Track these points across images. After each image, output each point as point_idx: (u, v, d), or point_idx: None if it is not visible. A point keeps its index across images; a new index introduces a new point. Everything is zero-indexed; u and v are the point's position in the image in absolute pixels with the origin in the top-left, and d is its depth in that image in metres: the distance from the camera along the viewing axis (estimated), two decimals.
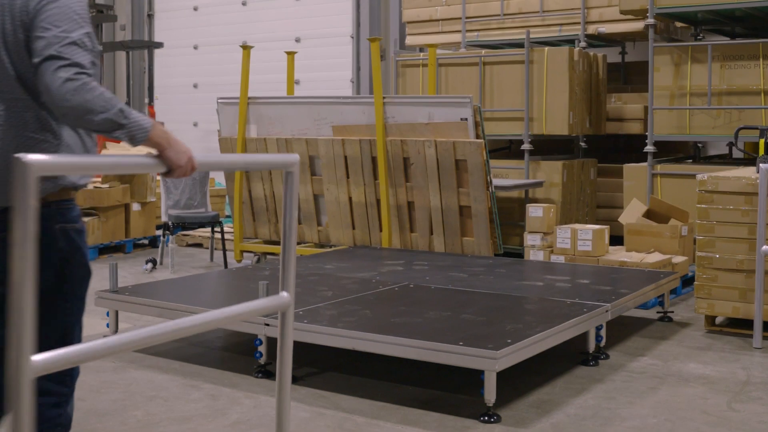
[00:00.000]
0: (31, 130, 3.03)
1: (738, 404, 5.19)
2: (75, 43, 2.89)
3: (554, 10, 11.20)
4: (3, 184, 2.93)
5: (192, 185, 10.39)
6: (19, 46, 2.98)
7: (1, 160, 2.98)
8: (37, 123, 3.04)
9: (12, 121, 3.01)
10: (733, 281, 6.73)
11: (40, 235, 2.56)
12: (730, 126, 8.78)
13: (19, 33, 2.97)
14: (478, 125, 8.51)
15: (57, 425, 3.21)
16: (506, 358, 4.88)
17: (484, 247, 8.66)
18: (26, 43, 2.96)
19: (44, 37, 2.87)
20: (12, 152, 2.66)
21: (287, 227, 3.24)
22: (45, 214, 2.92)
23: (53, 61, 2.82)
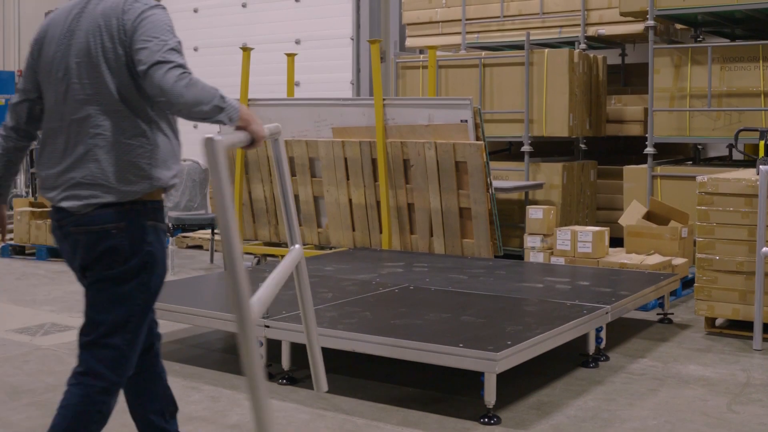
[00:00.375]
0: (128, 137, 3.39)
1: (738, 406, 5.19)
2: (174, 49, 3.30)
3: (554, 12, 11.20)
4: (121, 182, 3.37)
5: (192, 187, 10.40)
6: (119, 62, 3.35)
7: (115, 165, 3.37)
8: (133, 130, 3.39)
9: (114, 130, 3.37)
10: (733, 283, 6.73)
11: (133, 229, 3.36)
12: (730, 128, 8.78)
13: (119, 50, 3.35)
14: (478, 127, 8.51)
15: (98, 412, 3.43)
16: (506, 359, 4.88)
17: (484, 248, 8.67)
18: (125, 59, 3.34)
19: (147, 47, 3.26)
20: (116, 158, 3.34)
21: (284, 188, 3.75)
22: (140, 210, 3.41)
23: (161, 65, 3.22)
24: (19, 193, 16.01)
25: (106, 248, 3.37)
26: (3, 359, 6.17)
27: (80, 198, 3.37)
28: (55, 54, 3.45)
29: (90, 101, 3.38)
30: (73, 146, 3.41)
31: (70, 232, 3.42)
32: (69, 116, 3.41)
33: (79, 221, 3.39)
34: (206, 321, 6.04)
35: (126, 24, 3.33)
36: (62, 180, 3.42)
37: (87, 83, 3.38)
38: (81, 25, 3.41)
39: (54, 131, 3.47)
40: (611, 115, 11.21)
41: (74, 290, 8.78)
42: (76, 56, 3.40)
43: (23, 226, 10.93)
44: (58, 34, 3.48)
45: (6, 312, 7.79)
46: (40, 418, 4.94)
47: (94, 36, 3.38)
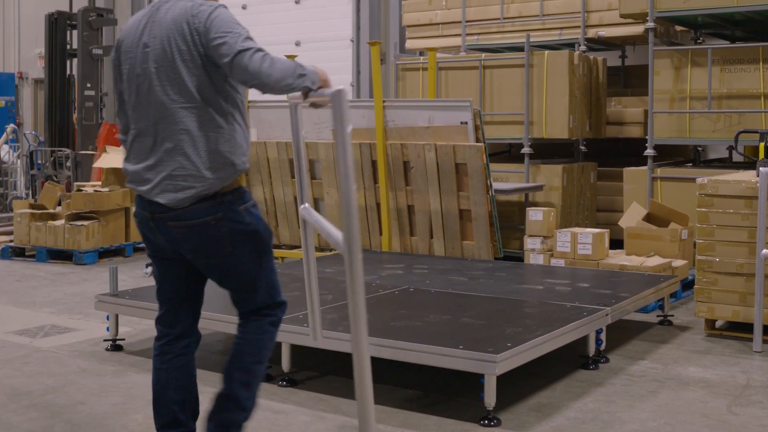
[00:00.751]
0: (209, 129, 3.73)
1: (738, 408, 5.19)
2: (248, 37, 3.65)
3: (554, 13, 11.20)
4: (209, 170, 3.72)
5: None
6: (195, 63, 3.68)
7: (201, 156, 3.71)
8: (212, 123, 3.73)
9: (196, 125, 3.72)
10: (733, 285, 6.72)
11: (230, 216, 3.75)
12: (730, 130, 8.78)
13: (194, 51, 3.68)
14: (478, 129, 8.52)
15: (270, 341, 4.04)
16: (506, 361, 4.88)
17: (484, 250, 8.67)
18: (201, 59, 3.67)
19: (225, 41, 3.60)
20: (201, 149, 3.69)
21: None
22: (230, 199, 3.78)
23: (245, 53, 3.56)
24: (19, 195, 16.02)
25: (210, 238, 3.77)
26: (3, 361, 6.17)
27: (175, 190, 3.72)
28: (133, 62, 3.80)
29: (172, 101, 3.72)
30: (160, 143, 3.75)
31: (170, 227, 3.79)
32: (153, 116, 3.76)
33: (179, 216, 3.76)
34: (206, 323, 6.02)
35: (198, 27, 3.66)
36: (152, 174, 3.77)
37: (168, 85, 3.72)
38: (154, 34, 3.75)
39: (140, 131, 3.81)
40: (611, 116, 11.21)
41: (74, 292, 8.78)
42: (155, 62, 3.73)
43: (23, 228, 10.93)
44: (132, 44, 3.82)
45: (6, 314, 7.79)
46: (41, 419, 4.94)
47: (168, 42, 3.70)
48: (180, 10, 3.73)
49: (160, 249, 3.94)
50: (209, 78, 3.71)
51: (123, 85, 3.92)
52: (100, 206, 10.73)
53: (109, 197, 10.83)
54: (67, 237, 10.62)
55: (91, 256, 10.60)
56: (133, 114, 3.85)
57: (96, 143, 14.65)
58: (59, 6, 16.89)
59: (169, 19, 3.73)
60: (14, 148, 16.77)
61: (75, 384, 5.61)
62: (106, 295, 6.51)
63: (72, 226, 10.60)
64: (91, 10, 15.40)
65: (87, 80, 15.08)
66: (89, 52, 15.08)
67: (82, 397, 5.34)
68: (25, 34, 20.66)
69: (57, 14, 15.84)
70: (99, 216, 10.77)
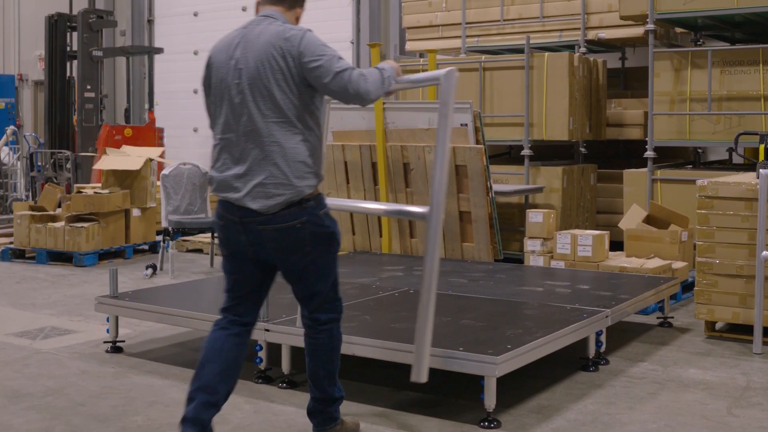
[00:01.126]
0: (295, 142, 4.10)
1: (738, 410, 5.19)
2: (339, 57, 4.07)
3: (554, 15, 11.21)
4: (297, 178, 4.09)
5: (192, 191, 10.39)
6: (287, 82, 4.06)
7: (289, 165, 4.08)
8: (299, 136, 4.11)
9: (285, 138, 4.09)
10: (733, 287, 6.72)
11: (313, 220, 4.13)
12: (730, 131, 8.79)
13: (286, 72, 4.05)
14: (478, 131, 8.52)
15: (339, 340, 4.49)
16: (506, 363, 4.88)
17: (484, 252, 8.67)
18: (293, 78, 4.05)
19: (321, 63, 4.02)
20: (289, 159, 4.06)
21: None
22: (313, 205, 4.15)
23: (341, 74, 4.02)
24: (19, 196, 16.02)
25: (293, 239, 4.13)
26: (3, 363, 6.17)
27: (267, 197, 4.07)
28: (224, 79, 4.17)
29: (264, 116, 4.07)
30: (250, 153, 4.10)
31: (258, 230, 4.13)
32: (244, 129, 4.11)
33: (268, 221, 4.11)
34: (206, 325, 6.02)
35: (291, 50, 4.04)
36: (242, 182, 4.11)
37: (260, 101, 4.07)
38: (246, 53, 4.11)
39: (229, 141, 4.16)
40: (611, 118, 11.22)
41: (74, 294, 8.78)
42: (248, 80, 4.08)
43: (23, 229, 10.93)
44: (223, 62, 4.19)
45: (6, 316, 7.79)
46: (40, 421, 4.94)
47: (262, 63, 4.06)
48: (272, 33, 4.10)
49: (240, 249, 4.24)
50: (300, 97, 4.08)
51: (211, 99, 4.30)
52: (100, 208, 10.73)
53: (109, 199, 10.83)
54: (67, 239, 10.61)
55: (91, 258, 10.60)
56: (222, 126, 4.20)
57: (96, 145, 14.67)
58: (59, 8, 16.90)
59: (262, 41, 4.09)
60: (14, 149, 16.78)
61: (75, 386, 5.61)
62: (106, 297, 6.50)
63: (72, 227, 10.60)
64: (91, 12, 15.41)
65: (87, 82, 15.08)
66: (89, 54, 15.09)
67: (82, 399, 5.33)
68: (25, 36, 20.67)
69: (57, 16, 15.86)
70: (99, 218, 10.76)
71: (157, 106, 16.75)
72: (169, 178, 10.27)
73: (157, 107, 16.73)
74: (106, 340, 6.56)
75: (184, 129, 17.39)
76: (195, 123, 17.20)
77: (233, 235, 4.22)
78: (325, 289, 4.35)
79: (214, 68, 4.24)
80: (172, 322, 6.29)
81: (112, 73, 18.55)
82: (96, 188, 11.26)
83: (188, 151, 16.58)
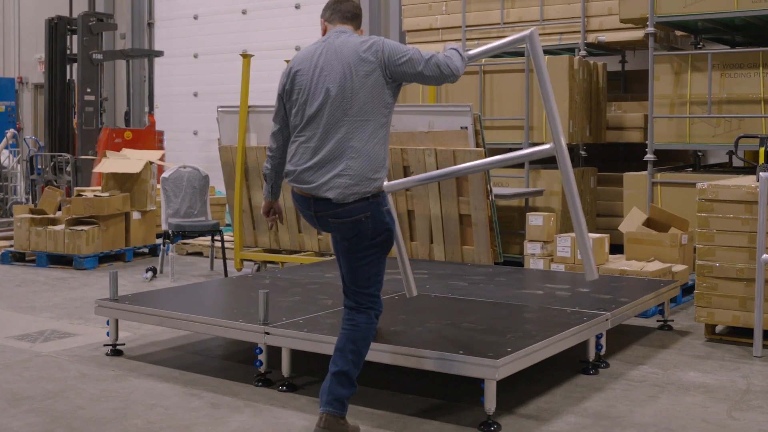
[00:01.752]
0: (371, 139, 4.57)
1: (738, 413, 5.19)
2: (418, 50, 4.62)
3: (554, 18, 11.22)
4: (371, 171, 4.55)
5: (192, 194, 10.40)
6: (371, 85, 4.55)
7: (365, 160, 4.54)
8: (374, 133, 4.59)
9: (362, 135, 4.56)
10: (733, 290, 6.72)
11: (376, 216, 4.57)
12: (730, 135, 8.79)
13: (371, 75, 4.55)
14: (478, 134, 8.52)
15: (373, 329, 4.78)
16: (506, 366, 4.88)
17: (484, 255, 8.67)
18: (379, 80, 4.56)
19: (407, 59, 4.57)
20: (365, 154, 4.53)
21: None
22: (378, 201, 4.58)
23: (431, 59, 4.59)
24: (19, 200, 16.02)
25: (358, 232, 4.57)
26: (3, 366, 6.17)
27: (342, 187, 4.50)
28: (310, 84, 4.64)
29: (345, 114, 4.53)
30: (328, 148, 4.55)
31: (329, 222, 4.61)
32: (326, 126, 4.57)
33: (338, 214, 4.56)
34: (206, 328, 6.04)
35: (377, 54, 4.57)
36: (319, 175, 4.55)
37: (344, 102, 4.54)
38: (332, 62, 4.60)
39: (309, 138, 4.61)
40: (611, 121, 11.22)
41: (74, 297, 8.78)
42: (333, 83, 4.56)
43: (23, 233, 10.93)
44: (307, 70, 4.68)
45: (6, 319, 7.79)
46: (40, 424, 4.94)
47: (349, 68, 4.55)
48: (355, 43, 4.62)
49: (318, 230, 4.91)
50: (380, 97, 4.58)
51: (292, 103, 4.74)
52: (100, 211, 10.73)
53: (109, 202, 10.83)
54: (67, 242, 10.62)
55: (91, 261, 10.60)
56: (305, 125, 4.64)
57: (96, 148, 14.68)
58: (59, 11, 16.91)
59: (347, 49, 4.60)
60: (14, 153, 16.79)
61: (75, 389, 5.61)
62: (106, 300, 6.50)
63: (72, 231, 10.61)
64: (91, 15, 15.42)
65: (87, 85, 15.09)
66: (89, 57, 15.10)
67: (82, 402, 5.33)
68: (25, 39, 20.68)
69: (57, 19, 15.87)
70: (99, 221, 10.77)
71: (157, 110, 16.76)
72: (169, 181, 10.28)
73: (157, 110, 16.74)
74: (106, 343, 6.56)
75: (184, 132, 17.39)
76: (195, 126, 17.20)
77: (312, 224, 4.74)
78: (370, 283, 4.71)
79: (298, 76, 4.71)
80: (172, 325, 6.29)
81: (112, 76, 18.55)
82: (96, 191, 11.27)
83: (188, 154, 16.59)
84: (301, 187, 4.63)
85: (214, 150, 11.12)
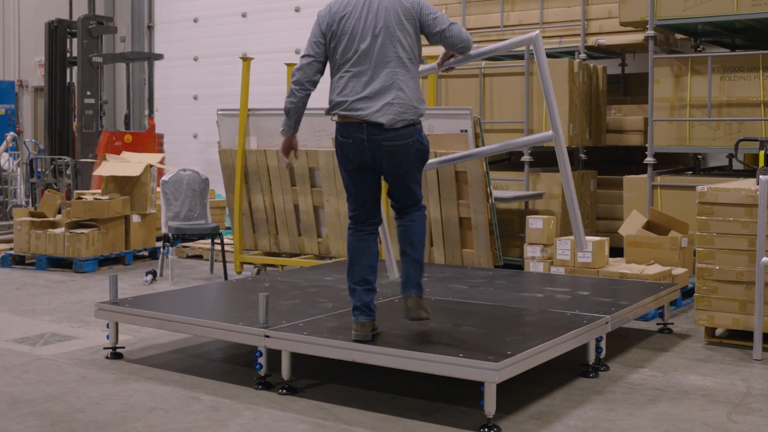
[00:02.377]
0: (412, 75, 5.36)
1: (738, 416, 5.18)
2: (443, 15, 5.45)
3: (554, 21, 11.22)
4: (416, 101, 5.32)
5: (192, 197, 10.40)
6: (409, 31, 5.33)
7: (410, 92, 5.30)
8: (414, 70, 5.38)
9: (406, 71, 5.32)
10: (733, 293, 6.72)
11: (419, 141, 5.32)
12: (730, 138, 8.79)
13: (409, 23, 5.33)
14: (478, 137, 8.52)
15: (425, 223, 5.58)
16: (506, 369, 4.88)
17: (483, 258, 8.67)
18: (412, 28, 5.33)
19: (436, 17, 5.39)
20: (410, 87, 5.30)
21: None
22: (419, 128, 5.35)
23: (452, 26, 5.42)
24: (19, 203, 16.02)
25: (405, 154, 5.27)
26: (3, 369, 6.17)
27: (393, 113, 5.19)
28: (357, 23, 5.29)
29: (393, 52, 5.27)
30: (378, 80, 5.24)
31: (383, 145, 5.23)
32: (375, 61, 5.26)
33: (390, 138, 5.22)
34: (206, 331, 6.04)
35: (414, 7, 5.34)
36: (372, 102, 5.21)
37: (389, 42, 5.26)
38: (374, 8, 5.29)
39: (359, 72, 5.28)
40: (611, 124, 11.22)
41: (73, 300, 8.78)
42: (379, 25, 5.26)
43: (23, 236, 10.93)
44: (358, 12, 5.31)
45: (6, 322, 7.79)
46: (40, 428, 4.93)
47: (390, 15, 5.28)
48: None
49: (362, 164, 5.33)
50: (416, 42, 5.37)
51: (337, 40, 5.34)
52: (100, 214, 10.74)
53: (109, 205, 10.83)
54: (67, 245, 10.62)
55: (90, 264, 10.60)
56: (354, 61, 5.28)
57: (96, 151, 14.68)
58: (59, 14, 16.92)
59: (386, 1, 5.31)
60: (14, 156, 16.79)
61: (75, 392, 5.61)
62: (106, 303, 6.50)
63: (72, 234, 10.61)
64: (91, 18, 15.43)
65: (87, 88, 15.10)
66: (89, 60, 15.11)
67: (82, 405, 5.33)
68: (25, 42, 20.69)
69: (57, 22, 15.88)
70: (99, 224, 10.77)
71: (156, 113, 16.76)
72: (169, 185, 10.28)
73: (156, 113, 16.73)
74: (105, 346, 6.56)
75: (184, 135, 17.39)
76: (195, 129, 17.20)
77: (359, 150, 5.28)
78: (416, 189, 5.45)
79: (346, 18, 5.32)
80: (171, 329, 6.29)
81: (111, 80, 18.56)
82: (96, 194, 11.27)
83: (188, 157, 16.58)
84: (355, 114, 5.23)
85: (214, 153, 11.13)
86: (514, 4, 11.54)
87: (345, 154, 5.36)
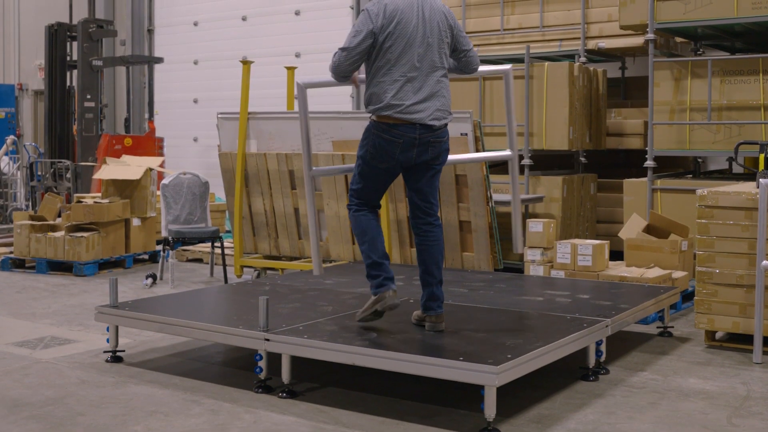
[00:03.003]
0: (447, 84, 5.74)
1: (738, 419, 5.18)
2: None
3: (554, 25, 11.23)
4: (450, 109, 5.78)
5: (192, 200, 10.40)
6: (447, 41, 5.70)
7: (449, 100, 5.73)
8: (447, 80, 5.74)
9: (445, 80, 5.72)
10: (733, 296, 6.72)
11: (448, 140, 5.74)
12: (730, 141, 8.80)
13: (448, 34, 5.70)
14: (478, 140, 8.52)
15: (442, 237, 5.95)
16: (506, 373, 4.88)
17: (484, 262, 8.67)
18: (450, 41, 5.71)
19: (464, 36, 5.81)
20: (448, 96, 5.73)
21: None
22: (448, 130, 5.76)
23: (472, 50, 5.88)
24: (19, 206, 16.02)
25: (442, 151, 5.74)
26: (3, 372, 6.17)
27: (441, 119, 5.65)
28: (414, 30, 5.55)
29: (439, 60, 5.65)
30: (428, 87, 5.60)
31: (430, 141, 5.63)
32: (424, 69, 5.59)
33: (438, 136, 5.66)
34: (206, 334, 6.04)
35: (452, 20, 5.73)
36: (424, 106, 5.56)
37: (436, 51, 5.63)
38: (427, 16, 5.60)
39: (411, 78, 5.56)
40: (611, 128, 11.23)
41: (73, 304, 8.78)
42: (431, 34, 5.60)
43: (23, 239, 10.94)
44: (412, 17, 5.56)
45: (6, 325, 7.79)
46: (40, 431, 4.93)
47: (438, 24, 5.64)
48: (440, 5, 5.71)
49: (397, 163, 5.66)
50: (448, 53, 5.75)
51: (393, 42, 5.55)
52: (100, 218, 10.74)
53: (109, 209, 10.83)
54: (67, 248, 10.62)
55: (91, 268, 10.60)
56: (408, 66, 5.56)
57: (96, 154, 14.68)
58: (59, 17, 16.94)
59: (437, 9, 5.66)
60: (14, 159, 16.79)
61: (75, 395, 5.61)
62: (106, 307, 6.50)
63: (72, 237, 10.61)
64: (91, 22, 15.43)
65: (87, 91, 15.10)
66: (89, 64, 15.11)
67: (82, 409, 5.33)
68: (25, 46, 20.70)
69: (57, 26, 15.88)
70: (99, 227, 10.77)
71: (157, 116, 16.76)
72: (169, 188, 10.28)
73: (157, 117, 16.74)
74: (106, 349, 6.56)
75: (184, 138, 17.40)
76: (195, 132, 17.20)
77: (406, 149, 5.60)
78: (437, 195, 5.85)
79: (403, 21, 5.54)
80: (172, 332, 6.29)
81: (112, 83, 18.57)
82: (96, 198, 11.27)
83: (188, 160, 16.59)
84: (410, 117, 5.53)
85: (214, 156, 11.13)
86: (514, 7, 11.56)
87: (386, 151, 5.61)
